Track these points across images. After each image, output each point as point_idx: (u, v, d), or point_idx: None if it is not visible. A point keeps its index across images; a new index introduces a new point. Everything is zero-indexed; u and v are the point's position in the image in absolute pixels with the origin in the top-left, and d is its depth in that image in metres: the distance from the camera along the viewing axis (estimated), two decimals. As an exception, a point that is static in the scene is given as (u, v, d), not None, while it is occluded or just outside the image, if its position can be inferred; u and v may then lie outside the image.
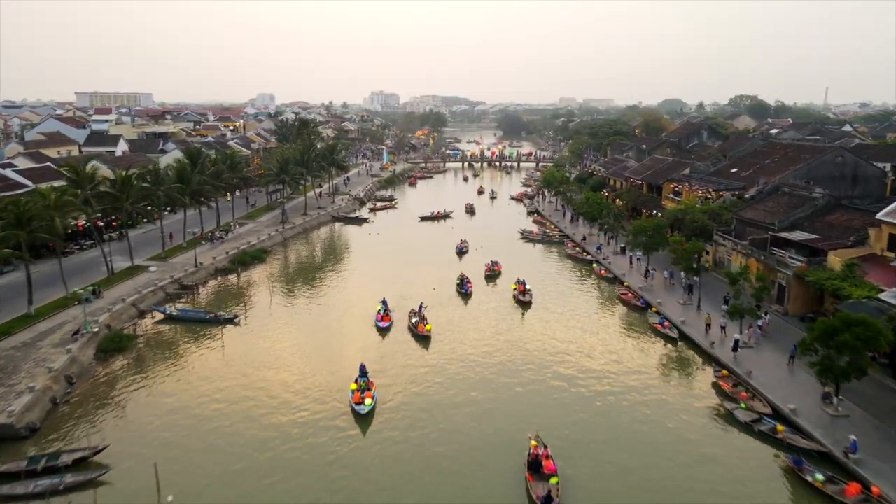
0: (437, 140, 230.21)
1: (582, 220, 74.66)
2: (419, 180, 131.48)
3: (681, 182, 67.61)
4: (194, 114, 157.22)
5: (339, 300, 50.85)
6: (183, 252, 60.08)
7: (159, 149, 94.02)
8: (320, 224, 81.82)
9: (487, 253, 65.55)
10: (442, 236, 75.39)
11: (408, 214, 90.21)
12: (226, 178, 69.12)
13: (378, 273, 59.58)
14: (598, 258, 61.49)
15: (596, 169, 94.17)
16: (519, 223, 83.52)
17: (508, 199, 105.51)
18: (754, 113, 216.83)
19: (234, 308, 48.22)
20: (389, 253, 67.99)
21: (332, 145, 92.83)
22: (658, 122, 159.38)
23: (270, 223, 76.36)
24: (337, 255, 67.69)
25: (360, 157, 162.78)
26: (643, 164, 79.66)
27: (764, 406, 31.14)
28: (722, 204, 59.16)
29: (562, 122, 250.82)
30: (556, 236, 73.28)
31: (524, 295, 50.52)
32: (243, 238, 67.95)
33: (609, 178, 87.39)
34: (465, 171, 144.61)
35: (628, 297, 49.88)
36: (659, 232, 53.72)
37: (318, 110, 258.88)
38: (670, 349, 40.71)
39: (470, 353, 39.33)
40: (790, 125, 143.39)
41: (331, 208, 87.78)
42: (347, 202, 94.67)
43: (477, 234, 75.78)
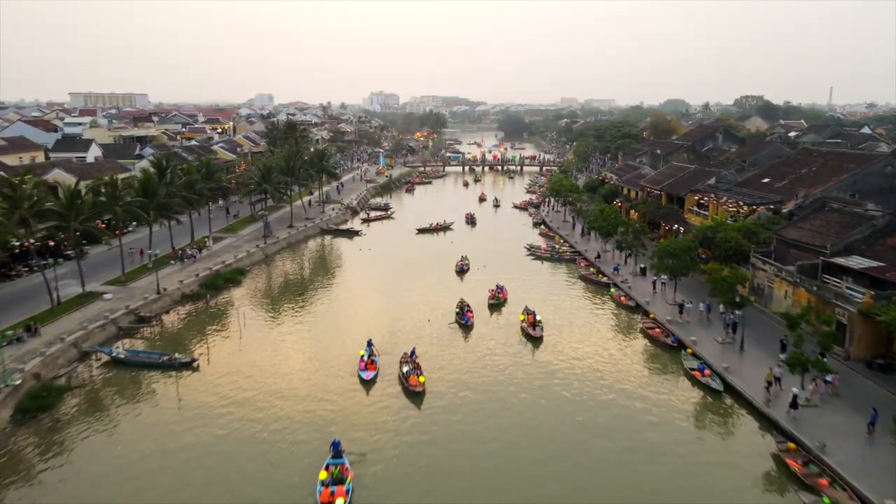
0: (437, 142, 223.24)
1: (594, 233, 67.77)
2: (417, 186, 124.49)
3: (706, 193, 60.65)
4: (183, 115, 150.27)
5: (320, 336, 43.80)
6: (148, 274, 53.14)
7: (136, 154, 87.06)
8: (307, 238, 74.78)
9: (491, 273, 58.75)
10: (441, 252, 68.48)
11: (404, 226, 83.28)
12: (200, 188, 62.14)
13: (368, 298, 52.64)
14: (616, 281, 54.49)
15: (607, 176, 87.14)
16: (524, 236, 76.56)
17: (511, 208, 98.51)
18: (763, 114, 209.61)
19: (196, 346, 41.28)
20: (382, 272, 61.05)
21: (322, 150, 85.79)
22: (667, 124, 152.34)
23: (252, 237, 69.37)
24: (323, 275, 60.66)
25: (355, 161, 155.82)
26: (661, 172, 72.66)
27: (852, 501, 24.12)
28: (757, 220, 52.21)
29: (565, 123, 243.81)
30: (566, 253, 66.21)
31: (534, 328, 43.59)
32: (219, 256, 60.98)
33: (622, 187, 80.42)
34: (465, 176, 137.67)
35: (656, 332, 42.78)
36: (688, 254, 46.77)
37: (315, 111, 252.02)
38: (714, 404, 33.72)
39: (473, 416, 32.32)
40: (808, 128, 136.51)
41: (320, 219, 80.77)
42: (339, 212, 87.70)
43: (479, 248, 68.89)
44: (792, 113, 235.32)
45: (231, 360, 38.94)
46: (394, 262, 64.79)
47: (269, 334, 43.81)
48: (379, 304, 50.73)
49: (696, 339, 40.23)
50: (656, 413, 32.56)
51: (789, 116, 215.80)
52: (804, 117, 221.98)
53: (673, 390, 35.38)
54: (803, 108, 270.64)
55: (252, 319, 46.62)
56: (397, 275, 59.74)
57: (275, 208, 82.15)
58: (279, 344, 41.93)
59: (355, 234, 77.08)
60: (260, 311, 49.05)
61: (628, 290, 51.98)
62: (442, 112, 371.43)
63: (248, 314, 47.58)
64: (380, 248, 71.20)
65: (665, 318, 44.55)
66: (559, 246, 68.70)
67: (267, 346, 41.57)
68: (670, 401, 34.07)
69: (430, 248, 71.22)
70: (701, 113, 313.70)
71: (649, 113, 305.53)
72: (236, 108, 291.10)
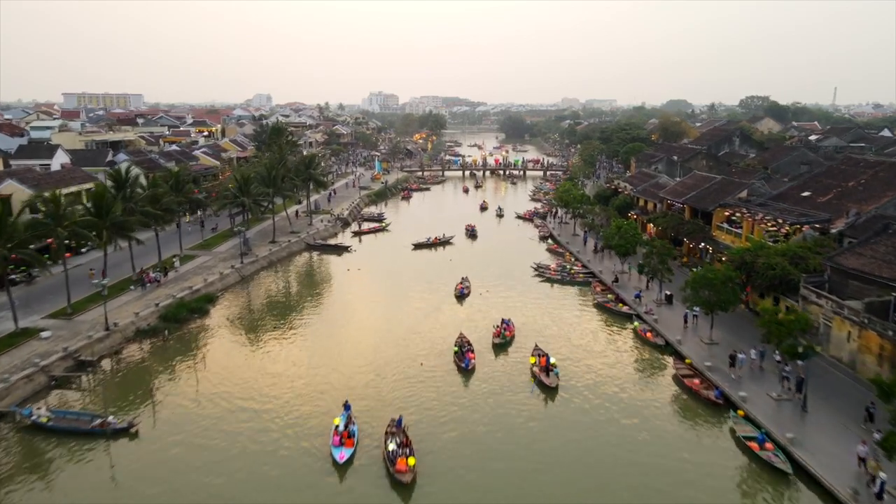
0: (436, 144, 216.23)
1: (608, 250, 60.73)
2: (414, 192, 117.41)
3: (738, 209, 53.62)
4: (169, 118, 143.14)
5: (293, 387, 36.73)
6: (101, 303, 46.25)
7: (107, 161, 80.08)
8: (291, 255, 67.65)
9: (494, 299, 51.88)
10: (439, 271, 61.52)
11: (399, 239, 76.26)
12: (167, 202, 55.13)
13: (352, 332, 45.54)
14: (639, 310, 47.43)
15: (620, 185, 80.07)
16: (530, 252, 69.51)
17: (515, 218, 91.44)
18: (773, 115, 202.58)
19: (141, 403, 34.27)
20: (371, 297, 54.04)
21: (310, 157, 78.67)
22: (677, 126, 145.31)
23: (229, 255, 62.30)
24: (304, 303, 53.54)
25: (349, 165, 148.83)
26: (683, 182, 65.57)
27: None
28: (803, 243, 45.18)
29: (568, 124, 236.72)
30: (578, 275, 59.09)
31: (548, 375, 36.66)
32: (187, 279, 54.01)
33: (638, 198, 73.32)
34: (465, 182, 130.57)
35: (695, 384, 35.57)
36: (728, 284, 39.73)
37: (311, 112, 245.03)
38: (781, 491, 26.65)
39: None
40: (828, 130, 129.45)
41: (306, 233, 73.66)
42: (328, 223, 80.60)
43: (481, 267, 61.98)
44: (801, 114, 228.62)
45: (181, 423, 31.88)
46: (385, 285, 57.81)
47: (229, 391, 36.69)
48: (364, 341, 43.68)
49: (747, 395, 33.15)
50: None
51: (798, 117, 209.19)
52: (814, 118, 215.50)
53: (724, 467, 28.30)
54: (812, 108, 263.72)
55: (214, 362, 39.57)
56: (389, 300, 52.76)
57: (257, 221, 75.09)
58: (239, 401, 34.84)
59: (345, 251, 70.01)
60: (225, 351, 41.94)
61: (654, 323, 44.91)
62: (442, 113, 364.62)
63: (212, 355, 40.57)
64: (371, 266, 64.20)
65: (703, 363, 37.47)
66: (570, 265, 61.60)
67: (228, 401, 34.51)
68: (724, 487, 26.98)
69: (427, 266, 64.21)
70: (706, 114, 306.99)
71: (653, 113, 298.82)
72: (231, 108, 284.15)
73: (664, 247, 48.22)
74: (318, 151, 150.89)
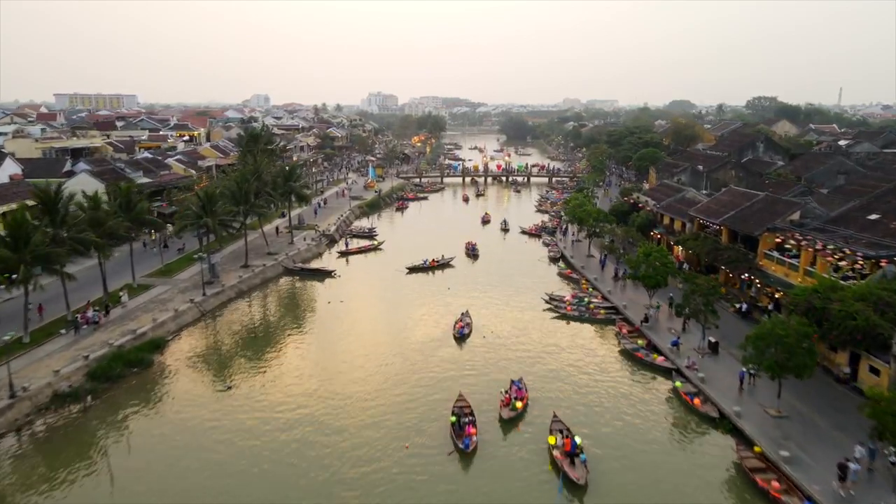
0: (436, 147, 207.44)
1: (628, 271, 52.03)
2: (411, 202, 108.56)
3: (791, 234, 44.87)
4: (151, 120, 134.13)
5: (242, 478, 28.08)
6: (21, 353, 37.66)
7: (64, 171, 71.45)
8: (265, 282, 58.79)
9: (500, 342, 43.27)
10: (435, 302, 52.91)
11: (392, 259, 67.56)
12: (111, 226, 46.40)
13: (324, 392, 36.74)
14: (679, 364, 38.64)
15: (640, 199, 71.23)
16: (540, 277, 60.80)
17: (520, 234, 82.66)
18: (785, 117, 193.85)
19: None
20: (353, 338, 45.27)
21: (291, 168, 69.68)
22: (690, 129, 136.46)
23: (191, 284, 53.50)
24: (271, 348, 44.64)
25: (343, 171, 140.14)
26: (717, 199, 56.73)
27: None
28: (885, 283, 36.44)
29: (572, 126, 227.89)
30: (599, 310, 50.22)
31: (573, 462, 28.11)
32: (134, 317, 45.30)
33: (661, 214, 64.49)
34: (465, 190, 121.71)
35: (774, 490, 26.47)
36: (802, 343, 31.03)
37: (305, 113, 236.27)
38: None
39: None
40: (857, 134, 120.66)
41: (285, 255, 64.78)
42: (312, 241, 71.75)
43: (483, 297, 53.53)
44: (813, 115, 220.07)
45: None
46: (372, 322, 49.14)
47: (164, 476, 28.02)
48: (334, 410, 34.92)
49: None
50: None
51: (810, 119, 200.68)
52: (827, 120, 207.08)
53: None
54: (825, 110, 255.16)
55: (144, 444, 30.86)
56: (374, 342, 44.03)
57: (230, 240, 66.26)
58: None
59: (328, 276, 61.22)
60: (162, 426, 33.17)
61: (701, 382, 36.12)
62: (441, 114, 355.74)
63: (142, 431, 31.88)
64: (357, 296, 55.49)
65: (778, 451, 28.66)
66: (588, 297, 52.80)
67: None
68: None
69: (422, 295, 55.50)
70: (713, 115, 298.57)
71: (658, 114, 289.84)
72: (223, 109, 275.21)
73: (710, 284, 39.38)
74: (309, 156, 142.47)
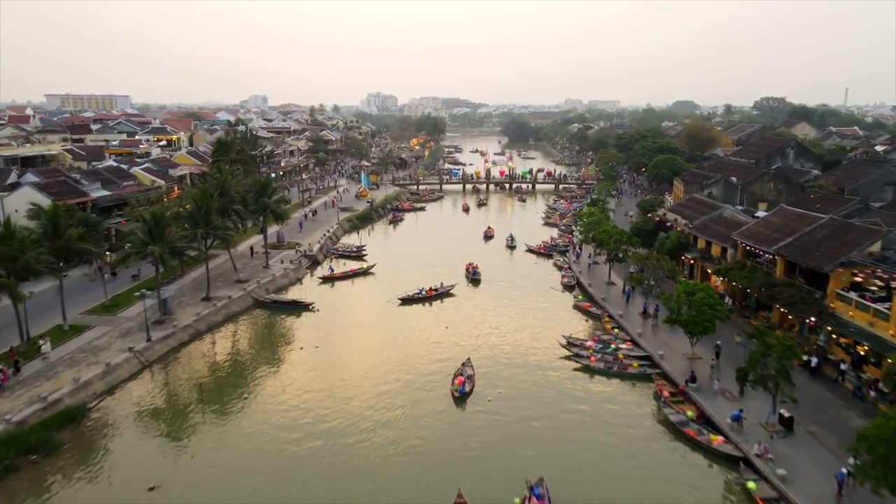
0: (434, 150, 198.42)
1: (659, 305, 43.03)
2: (407, 213, 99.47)
3: (874, 271, 35.87)
4: (130, 123, 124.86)
5: None
6: None
7: (9, 184, 62.65)
8: (229, 318, 49.65)
9: (509, 404, 34.41)
10: (430, 345, 44.03)
11: (382, 286, 58.69)
12: (27, 260, 37.41)
13: (284, 488, 27.76)
14: (749, 453, 29.42)
15: (668, 216, 62.03)
16: (553, 310, 51.85)
17: (526, 251, 73.66)
18: (799, 118, 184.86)
19: None
20: (328, 398, 36.25)
21: (264, 181, 60.23)
22: (706, 132, 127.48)
23: (137, 325, 44.21)
24: (222, 416, 35.76)
25: (334, 177, 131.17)
26: (768, 221, 47.54)
27: None
28: None
29: (577, 128, 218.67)
30: (632, 363, 40.94)
31: None
32: (56, 372, 36.36)
33: (693, 236, 55.40)
34: (465, 199, 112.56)
35: None
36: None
37: (299, 115, 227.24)
38: None
39: None
40: (893, 138, 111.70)
41: (257, 282, 55.69)
42: (291, 263, 62.69)
43: (487, 337, 44.68)
44: (828, 117, 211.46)
45: None
46: (352, 372, 40.15)
47: None
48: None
49: None
50: None
51: (825, 121, 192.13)
52: (842, 122, 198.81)
53: None
54: (837, 110, 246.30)
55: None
56: (353, 404, 35.05)
57: (193, 264, 57.05)
58: None
59: (307, 308, 52.20)
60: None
61: (781, 483, 27.05)
62: (441, 115, 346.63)
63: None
64: (337, 336, 46.52)
65: None
66: (614, 341, 43.71)
67: None
68: None
69: (415, 335, 46.54)
70: (722, 117, 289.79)
71: (664, 115, 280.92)
72: (218, 110, 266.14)
73: (786, 344, 30.31)
74: (300, 162, 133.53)
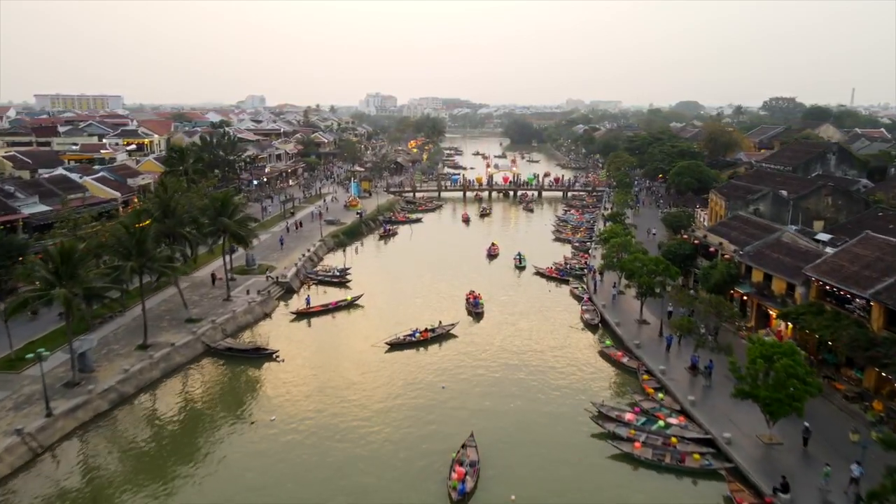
0: (434, 153, 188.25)
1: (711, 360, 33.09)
2: (401, 226, 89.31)
3: None
4: (101, 125, 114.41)
5: None
6: None
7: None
8: (169, 373, 39.47)
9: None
10: (421, 410, 34.00)
11: (368, 323, 48.81)
12: None
13: None
14: None
15: (709, 238, 51.68)
16: (578, 363, 41.82)
17: (535, 274, 63.69)
18: (815, 118, 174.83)
19: None
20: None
21: (223, 198, 49.55)
22: (727, 135, 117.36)
23: (48, 383, 34.29)
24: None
25: (324, 183, 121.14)
26: (852, 252, 37.32)
27: None
28: None
29: (583, 130, 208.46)
30: (685, 443, 30.93)
31: None
32: None
33: (745, 265, 45.22)
34: (465, 208, 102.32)
35: None
36: None
37: (293, 116, 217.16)
38: None
39: None
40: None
41: (211, 322, 45.59)
42: (259, 294, 52.52)
43: (493, 399, 34.63)
44: (845, 118, 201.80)
45: None
46: (316, 461, 30.14)
47: None
48: None
49: None
50: None
51: (842, 122, 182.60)
52: (859, 123, 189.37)
53: None
54: (862, 113, 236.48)
55: None
56: None
57: (136, 296, 46.76)
58: None
59: (271, 357, 42.19)
60: None
61: None
62: (441, 116, 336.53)
63: None
64: (304, 400, 36.48)
65: None
66: (661, 416, 33.47)
67: None
68: None
69: (403, 393, 36.51)
70: (731, 118, 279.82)
71: (671, 116, 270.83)
72: (210, 110, 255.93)
73: None
74: (287, 166, 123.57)
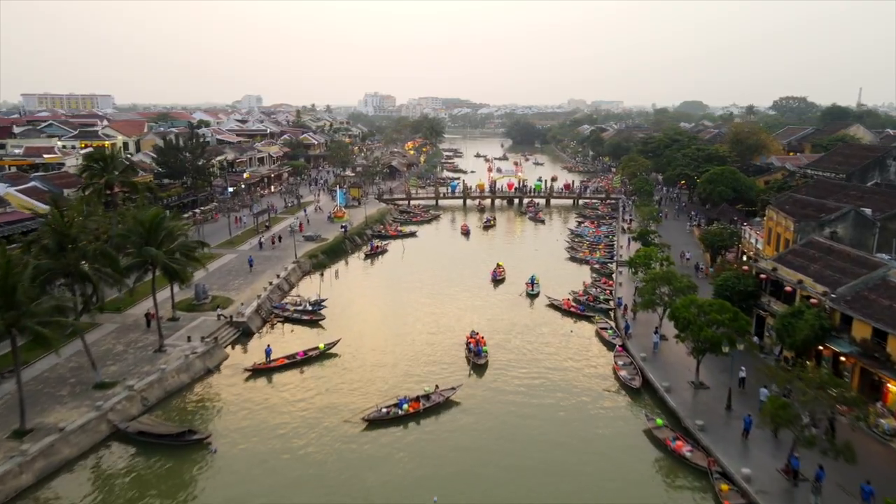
0: (432, 156, 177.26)
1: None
2: (392, 241, 78.35)
3: None
4: (62, 126, 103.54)
5: None
6: None
7: None
8: (50, 474, 28.41)
9: None
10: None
11: (343, 380, 37.79)
12: None
13: None
14: None
15: (786, 276, 40.26)
16: (618, 449, 30.87)
17: (549, 305, 52.85)
18: (833, 119, 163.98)
19: None
20: None
21: (151, 217, 38.03)
22: (755, 137, 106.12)
23: None
24: None
25: (310, 188, 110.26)
26: None
27: None
28: None
29: (590, 131, 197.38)
30: None
31: None
32: None
33: (838, 311, 34.09)
34: (465, 219, 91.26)
35: None
36: None
37: (284, 116, 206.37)
38: None
39: None
40: None
41: (129, 386, 34.56)
42: (202, 342, 41.37)
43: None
44: (865, 118, 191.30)
45: None
46: None
47: None
48: None
49: None
50: None
51: (862, 122, 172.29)
52: (879, 123, 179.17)
53: None
54: (882, 113, 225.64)
55: None
56: None
57: (34, 349, 35.84)
58: None
59: (199, 446, 31.13)
60: None
61: None
62: (441, 116, 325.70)
63: None
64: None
65: None
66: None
67: None
68: None
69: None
70: (742, 118, 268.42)
71: (678, 116, 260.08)
72: (201, 110, 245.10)
73: None
74: (270, 171, 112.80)
